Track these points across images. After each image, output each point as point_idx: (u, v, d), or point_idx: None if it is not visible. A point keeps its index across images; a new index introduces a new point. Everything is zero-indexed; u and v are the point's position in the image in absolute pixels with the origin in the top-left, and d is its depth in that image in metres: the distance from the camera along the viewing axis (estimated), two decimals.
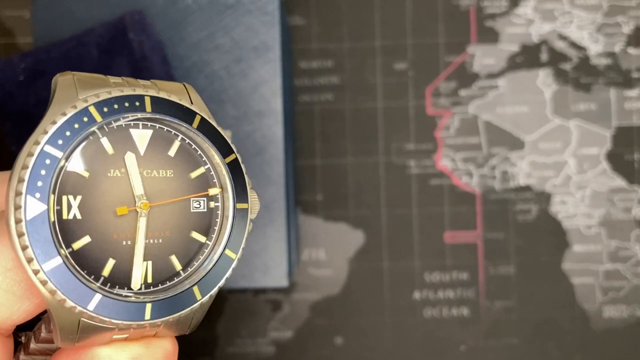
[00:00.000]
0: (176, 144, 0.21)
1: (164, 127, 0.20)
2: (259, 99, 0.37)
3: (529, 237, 0.42)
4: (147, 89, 0.20)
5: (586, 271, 0.42)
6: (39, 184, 0.18)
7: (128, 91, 0.19)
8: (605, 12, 0.42)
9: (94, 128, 0.19)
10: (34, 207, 0.18)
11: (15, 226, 0.17)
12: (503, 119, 0.42)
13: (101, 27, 0.35)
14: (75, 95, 0.19)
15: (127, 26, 0.35)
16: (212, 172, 0.21)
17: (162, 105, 0.20)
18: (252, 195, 0.21)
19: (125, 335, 0.19)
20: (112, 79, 0.20)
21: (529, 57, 0.42)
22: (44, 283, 0.18)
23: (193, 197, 0.21)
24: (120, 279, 0.19)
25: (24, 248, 0.17)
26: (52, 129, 0.18)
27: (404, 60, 0.43)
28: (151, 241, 0.20)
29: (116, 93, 0.19)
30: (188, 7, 0.37)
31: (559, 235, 0.42)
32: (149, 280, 0.20)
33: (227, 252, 0.21)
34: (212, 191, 0.21)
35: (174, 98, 0.20)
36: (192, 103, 0.21)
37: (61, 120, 0.18)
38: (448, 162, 0.42)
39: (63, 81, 0.20)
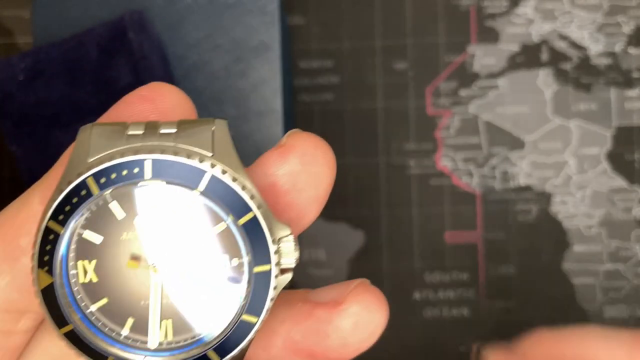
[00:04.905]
0: (190, 201, 0.19)
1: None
2: (259, 99, 0.37)
3: (529, 237, 0.42)
4: (161, 139, 0.19)
5: (586, 271, 0.42)
6: (46, 258, 0.19)
7: (129, 155, 0.18)
8: (606, 12, 0.42)
9: (93, 199, 0.19)
10: (43, 279, 0.19)
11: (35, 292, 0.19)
12: (503, 119, 0.42)
13: (101, 27, 0.35)
14: (86, 157, 0.19)
15: (127, 26, 0.35)
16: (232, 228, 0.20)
17: (164, 168, 0.19)
18: (284, 245, 0.20)
19: None
20: (131, 129, 0.19)
21: (529, 57, 0.42)
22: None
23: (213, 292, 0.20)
24: (142, 335, 0.20)
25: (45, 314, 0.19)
26: (53, 206, 0.19)
27: (404, 60, 0.43)
28: (169, 301, 0.20)
29: (116, 159, 0.18)
30: (188, 7, 0.37)
31: (559, 235, 0.42)
32: (169, 338, 0.20)
33: (245, 317, 0.20)
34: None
35: (180, 157, 0.19)
36: (213, 148, 0.19)
37: (60, 197, 0.19)
38: (448, 162, 0.42)
39: (80, 137, 0.19)
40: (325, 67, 0.43)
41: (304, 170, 0.21)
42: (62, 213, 0.19)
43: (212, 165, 0.19)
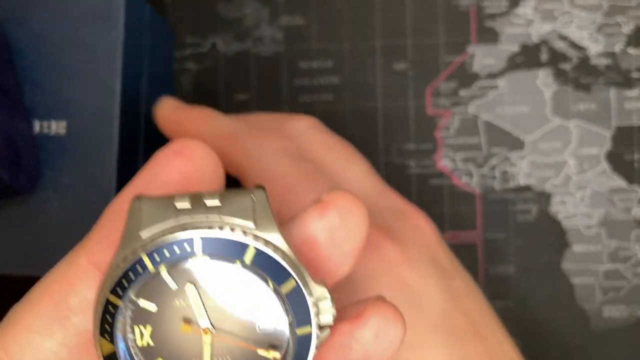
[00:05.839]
0: (237, 272, 0.21)
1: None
2: (96, 100, 0.36)
3: (529, 237, 0.42)
4: (208, 214, 0.21)
5: (586, 271, 0.42)
6: (107, 327, 0.21)
7: (178, 232, 0.20)
8: (606, 12, 0.42)
9: (148, 274, 0.20)
10: (105, 346, 0.21)
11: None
12: (503, 119, 0.42)
13: None
14: (138, 230, 0.21)
15: None
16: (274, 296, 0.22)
17: (213, 245, 0.21)
18: (322, 305, 0.21)
19: None
20: (179, 202, 0.21)
21: (529, 57, 0.42)
22: None
23: (259, 349, 0.22)
24: None
25: None
26: (113, 283, 0.20)
27: (404, 60, 0.43)
28: (219, 359, 0.22)
29: (169, 238, 0.20)
30: (34, 2, 0.37)
31: (559, 235, 0.42)
32: None
33: None
34: (273, 354, 0.22)
35: (225, 234, 0.20)
36: (254, 217, 0.21)
37: (118, 274, 0.20)
38: (448, 162, 0.42)
39: (132, 209, 0.21)
40: (325, 67, 0.43)
41: (342, 224, 0.22)
42: (120, 286, 0.20)
43: (255, 238, 0.21)
